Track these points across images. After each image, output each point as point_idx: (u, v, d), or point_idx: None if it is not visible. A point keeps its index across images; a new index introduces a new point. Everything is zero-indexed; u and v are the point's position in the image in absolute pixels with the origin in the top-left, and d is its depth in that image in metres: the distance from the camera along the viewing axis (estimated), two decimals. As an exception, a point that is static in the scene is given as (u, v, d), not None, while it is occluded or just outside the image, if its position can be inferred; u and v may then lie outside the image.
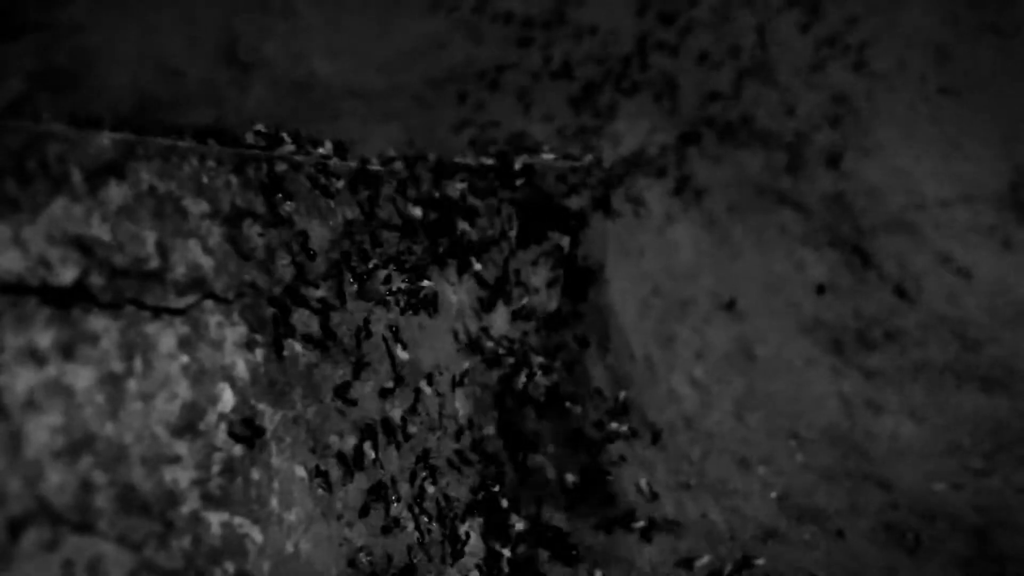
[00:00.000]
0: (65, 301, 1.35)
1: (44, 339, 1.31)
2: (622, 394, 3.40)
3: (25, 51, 5.88)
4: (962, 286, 4.19)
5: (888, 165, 4.51)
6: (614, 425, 3.25)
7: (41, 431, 1.29)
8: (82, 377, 1.36)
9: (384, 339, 2.29)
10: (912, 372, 4.00)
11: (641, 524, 3.02)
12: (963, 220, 4.38)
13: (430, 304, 2.58)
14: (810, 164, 4.53)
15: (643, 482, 3.20)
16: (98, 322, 1.40)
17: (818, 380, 3.97)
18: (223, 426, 1.63)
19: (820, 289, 4.27)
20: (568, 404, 3.13)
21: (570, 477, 2.98)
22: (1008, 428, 3.80)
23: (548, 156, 3.39)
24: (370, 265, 2.27)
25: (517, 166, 3.16)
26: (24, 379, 1.28)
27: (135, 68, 5.78)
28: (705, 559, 3.04)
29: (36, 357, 1.30)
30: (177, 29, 5.97)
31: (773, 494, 3.39)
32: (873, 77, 4.72)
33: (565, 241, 3.36)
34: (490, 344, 2.86)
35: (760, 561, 3.06)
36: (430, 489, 2.40)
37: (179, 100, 5.62)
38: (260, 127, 2.35)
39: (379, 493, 2.14)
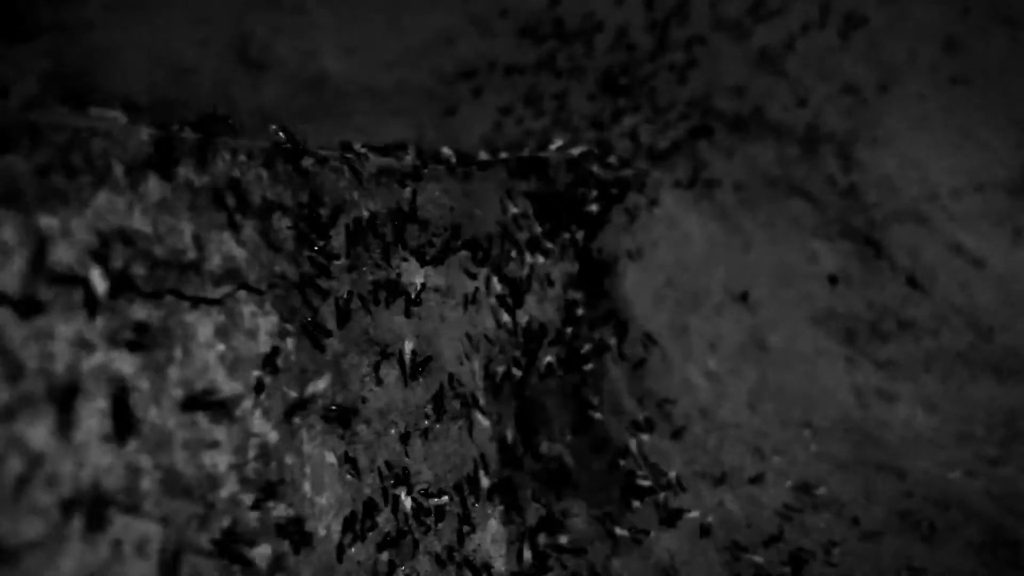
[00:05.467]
0: (110, 290, 1.40)
1: (92, 327, 1.36)
2: (638, 385, 3.44)
3: (38, 52, 5.94)
4: (975, 275, 4.21)
5: (900, 155, 4.53)
6: (631, 415, 3.29)
7: (90, 416, 1.34)
8: (127, 364, 1.41)
9: (406, 330, 2.33)
10: (925, 362, 4.02)
11: (659, 512, 3.06)
12: (975, 209, 4.39)
13: (450, 296, 2.63)
14: (821, 155, 4.55)
15: (660, 471, 3.24)
16: (141, 311, 1.45)
17: (831, 370, 4.00)
18: (258, 412, 1.68)
19: (832, 280, 4.28)
20: (585, 394, 3.17)
21: (588, 466, 3.02)
22: (1022, 417, 3.82)
23: (561, 149, 3.42)
24: (393, 256, 2.32)
25: (531, 159, 3.20)
26: (73, 365, 1.33)
27: (147, 68, 5.83)
28: (722, 547, 3.08)
29: (84, 344, 1.35)
30: (189, 29, 6.03)
31: (788, 483, 3.43)
32: (884, 67, 4.73)
33: (580, 234, 3.39)
34: (508, 335, 2.90)
35: (777, 547, 3.09)
36: (451, 477, 2.45)
37: (191, 99, 5.67)
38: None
39: (403, 480, 2.18)
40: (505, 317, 2.90)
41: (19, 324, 1.25)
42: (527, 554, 2.70)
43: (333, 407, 1.95)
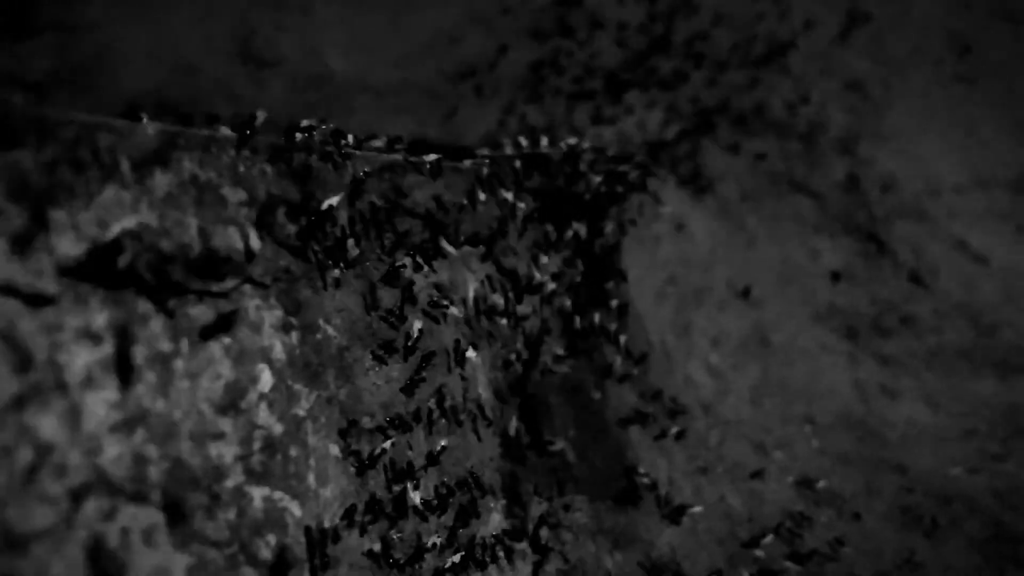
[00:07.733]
0: (117, 284, 1.42)
1: (99, 320, 1.38)
2: (641, 380, 3.45)
3: (43, 50, 5.97)
4: (977, 272, 4.21)
5: (903, 152, 4.53)
6: (633, 410, 3.30)
7: (98, 407, 1.36)
8: (134, 356, 1.43)
9: (409, 325, 2.35)
10: (927, 358, 4.02)
11: (661, 507, 3.08)
12: (978, 206, 4.39)
13: (452, 291, 2.64)
14: (824, 152, 4.55)
15: (662, 466, 3.26)
16: (148, 304, 1.47)
17: (833, 366, 4.00)
18: (263, 405, 1.70)
19: (835, 276, 4.29)
20: (587, 390, 3.19)
21: (590, 461, 3.04)
22: (1024, 412, 3.82)
23: (564, 146, 3.43)
24: (395, 252, 2.33)
25: (533, 156, 3.21)
26: (82, 357, 1.35)
27: (151, 66, 5.85)
28: (723, 541, 3.09)
29: (92, 337, 1.37)
30: (192, 26, 6.05)
31: (790, 478, 3.44)
32: (888, 64, 4.72)
33: (582, 230, 3.40)
34: (510, 331, 2.92)
35: (778, 542, 3.11)
36: (455, 470, 2.47)
37: (195, 97, 5.69)
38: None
39: (407, 472, 2.20)
40: (507, 312, 2.92)
41: (28, 316, 1.27)
42: (530, 547, 2.72)
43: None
